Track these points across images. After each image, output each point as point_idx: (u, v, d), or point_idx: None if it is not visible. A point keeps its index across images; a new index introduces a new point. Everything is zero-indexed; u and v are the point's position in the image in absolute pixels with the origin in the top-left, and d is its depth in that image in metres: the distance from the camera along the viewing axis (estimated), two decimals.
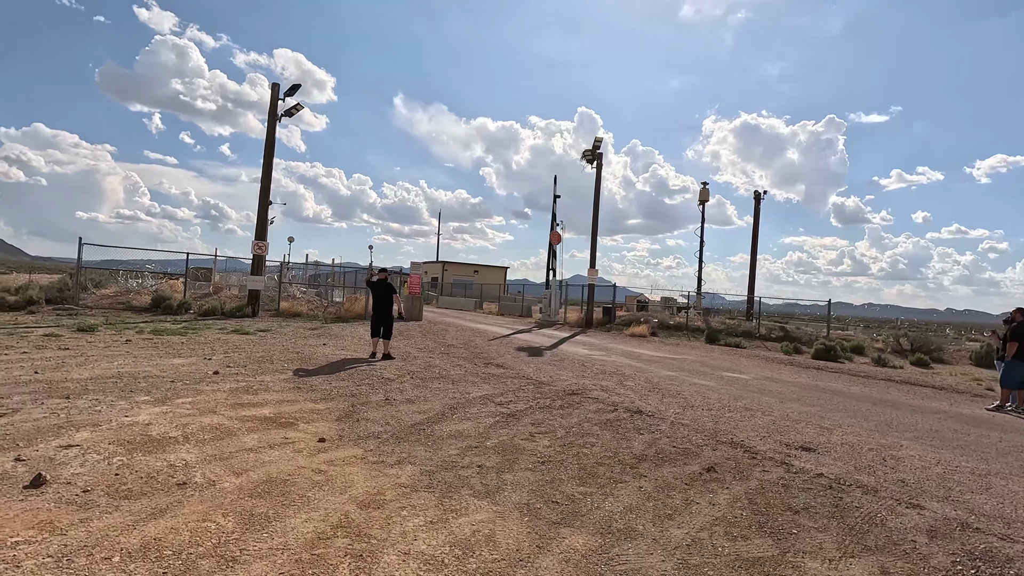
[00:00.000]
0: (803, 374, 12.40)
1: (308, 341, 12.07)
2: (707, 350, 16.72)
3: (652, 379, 9.81)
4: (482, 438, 5.63)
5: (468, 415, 6.52)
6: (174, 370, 7.75)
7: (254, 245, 17.15)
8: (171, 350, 9.46)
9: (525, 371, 9.91)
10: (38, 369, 7.01)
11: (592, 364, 11.37)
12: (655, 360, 13.02)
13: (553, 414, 6.78)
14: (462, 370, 9.58)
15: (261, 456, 4.59)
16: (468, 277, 51.54)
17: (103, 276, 17.51)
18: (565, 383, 8.88)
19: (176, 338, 10.92)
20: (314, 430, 5.54)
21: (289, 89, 17.18)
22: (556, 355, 12.68)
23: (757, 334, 20.69)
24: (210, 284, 19.67)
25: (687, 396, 8.33)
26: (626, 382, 9.32)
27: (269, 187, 17.20)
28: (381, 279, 10.72)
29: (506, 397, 7.61)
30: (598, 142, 22.13)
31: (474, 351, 12.37)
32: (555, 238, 23.21)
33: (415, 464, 4.72)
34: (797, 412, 7.66)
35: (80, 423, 4.93)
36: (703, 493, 4.38)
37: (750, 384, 10.09)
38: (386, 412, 6.42)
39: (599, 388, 8.58)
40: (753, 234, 28.76)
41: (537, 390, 8.20)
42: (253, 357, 9.33)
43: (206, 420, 5.44)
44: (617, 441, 5.72)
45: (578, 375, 9.81)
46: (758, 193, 28.71)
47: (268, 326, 14.50)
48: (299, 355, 9.93)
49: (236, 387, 7.02)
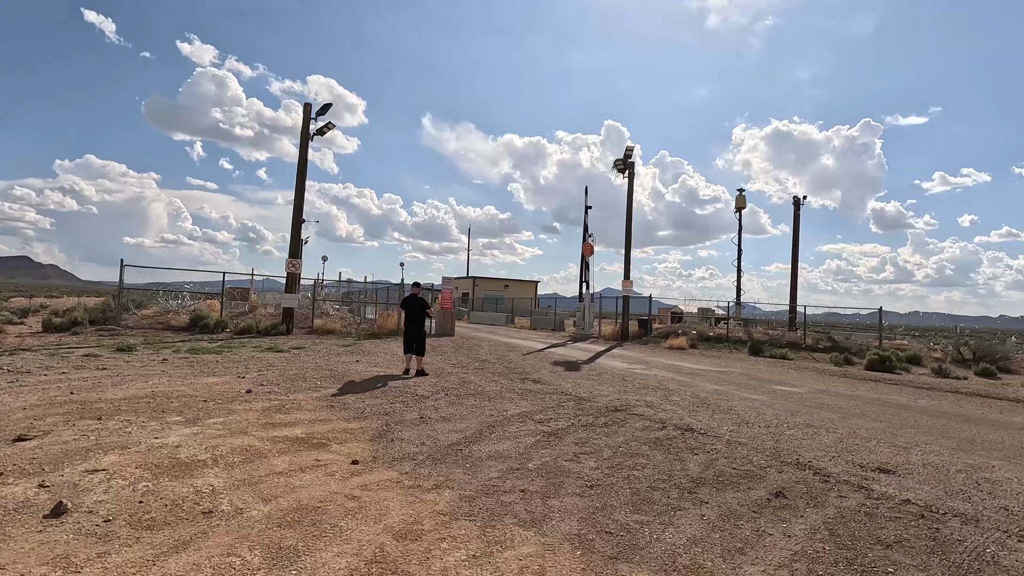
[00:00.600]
0: (860, 387, 11.61)
1: (341, 358, 11.93)
2: (752, 362, 15.96)
3: (699, 394, 9.26)
4: (523, 459, 5.26)
5: (507, 434, 6.16)
6: (207, 389, 7.63)
7: (288, 263, 17.28)
8: (206, 369, 9.40)
9: (563, 386, 9.50)
10: (74, 390, 6.98)
11: (633, 378, 10.88)
12: (699, 373, 12.41)
13: (597, 432, 6.36)
14: (498, 386, 9.24)
15: (292, 480, 4.32)
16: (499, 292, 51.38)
17: (144, 297, 17.90)
18: (607, 399, 8.43)
19: (211, 357, 10.91)
20: (347, 451, 5.27)
21: (321, 108, 17.39)
22: (594, 369, 12.22)
23: (803, 345, 19.73)
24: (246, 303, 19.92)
25: (740, 412, 7.77)
26: (672, 397, 8.81)
27: (302, 206, 17.35)
28: (414, 294, 10.51)
29: (546, 414, 7.22)
30: (629, 151, 21.71)
31: (509, 366, 12.02)
32: (587, 250, 22.76)
33: (454, 489, 4.38)
34: (865, 429, 7.03)
35: (109, 445, 4.76)
36: (775, 522, 3.90)
37: (806, 398, 9.43)
38: (421, 431, 6.11)
39: (644, 404, 8.11)
40: (793, 241, 27.72)
41: (578, 407, 7.78)
42: (286, 375, 9.20)
43: (236, 442, 5.23)
44: (670, 462, 5.27)
45: (620, 390, 9.34)
46: (797, 199, 27.71)
47: (302, 343, 14.46)
48: (332, 372, 9.76)
49: (268, 406, 6.83)
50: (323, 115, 17.46)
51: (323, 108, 17.37)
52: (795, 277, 27.23)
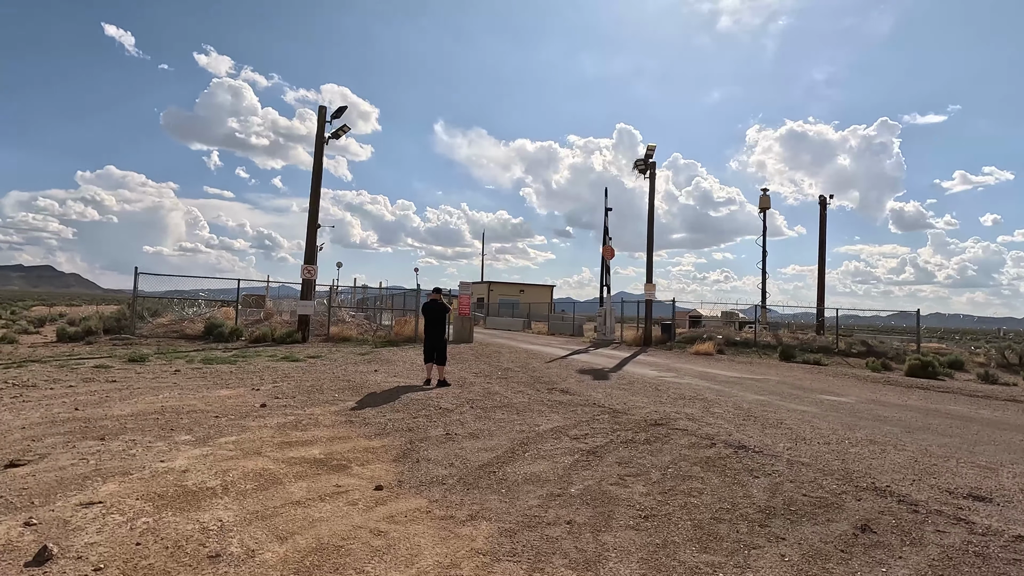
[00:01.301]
0: (910, 395, 10.87)
1: (359, 367, 11.48)
2: (785, 369, 15.23)
3: (741, 405, 8.64)
4: (564, 483, 4.72)
5: (542, 453, 5.63)
6: (220, 403, 7.20)
7: (303, 269, 16.94)
8: (219, 380, 9.00)
9: (594, 397, 8.94)
10: (79, 405, 6.58)
11: (666, 388, 10.27)
12: (734, 382, 11.76)
13: (640, 451, 5.80)
14: (525, 397, 8.71)
15: (310, 512, 3.83)
16: (514, 297, 50.82)
17: (159, 305, 17.67)
18: (643, 411, 7.86)
19: (225, 367, 10.52)
20: (370, 474, 4.78)
21: (335, 112, 17.07)
22: (623, 378, 11.63)
23: (836, 349, 18.93)
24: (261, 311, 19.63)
25: (792, 426, 7.15)
26: (713, 409, 8.21)
27: (317, 211, 17.02)
28: (433, 299, 10.04)
29: (580, 429, 6.67)
30: (650, 151, 21.11)
31: (533, 375, 11.48)
32: (608, 252, 22.16)
33: (491, 520, 3.86)
34: (936, 446, 6.38)
35: (109, 472, 4.32)
36: (871, 566, 3.32)
37: (858, 409, 8.76)
38: (448, 450, 5.61)
39: (684, 417, 7.52)
40: (820, 242, 26.85)
41: (614, 420, 7.22)
42: (302, 387, 8.76)
43: (249, 464, 4.76)
44: (730, 487, 4.70)
45: (655, 401, 8.76)
46: (823, 198, 26.86)
47: (318, 352, 14.07)
48: (350, 383, 9.30)
49: (284, 422, 6.37)
50: (338, 118, 17.14)
51: (338, 111, 17.05)
52: (822, 279, 26.37)
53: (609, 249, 22.12)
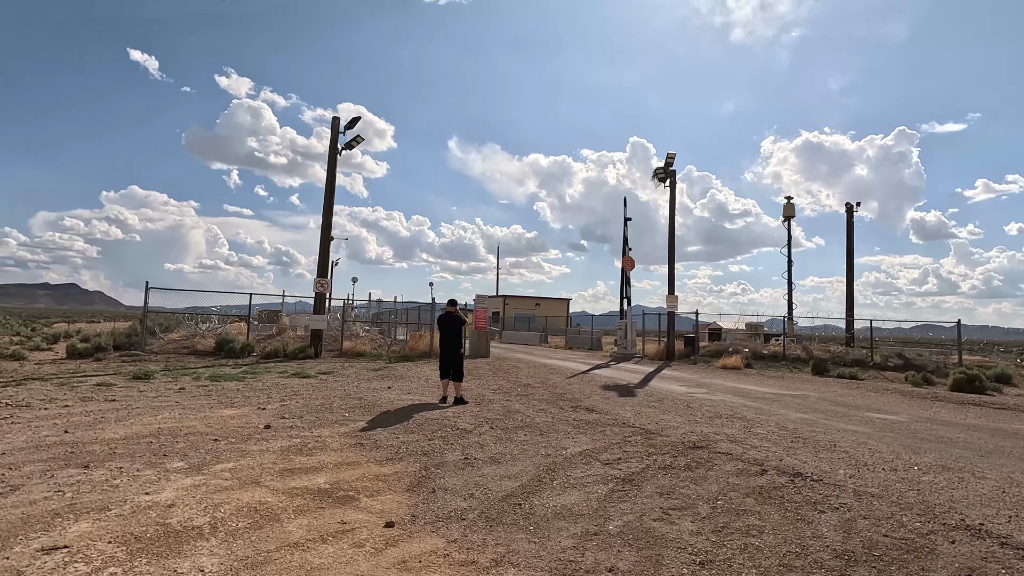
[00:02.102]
0: (966, 412, 10.03)
1: (371, 384, 10.97)
2: (821, 384, 14.39)
3: (785, 425, 7.93)
4: (600, 518, 4.12)
5: (571, 481, 5.02)
6: (222, 424, 6.71)
7: (316, 283, 16.56)
8: (224, 399, 8.53)
9: (623, 416, 8.30)
10: (70, 427, 6.12)
11: (699, 405, 9.58)
12: (771, 398, 11.01)
13: (681, 478, 5.16)
14: (548, 416, 8.10)
15: (309, 557, 3.28)
16: (530, 310, 50.20)
17: (171, 321, 17.40)
18: (679, 432, 7.20)
19: (233, 384, 10.07)
20: (380, 507, 4.22)
21: (349, 123, 16.80)
22: (650, 394, 10.95)
23: (871, 363, 17.99)
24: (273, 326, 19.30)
25: (847, 449, 6.44)
26: (754, 429, 7.52)
27: (331, 223, 16.68)
28: (449, 312, 9.51)
29: (612, 453, 6.05)
30: (670, 159, 20.52)
31: (555, 391, 10.85)
32: (628, 264, 21.48)
33: (519, 567, 3.28)
34: (1020, 472, 5.63)
35: (85, 507, 3.81)
36: None
37: (914, 430, 7.99)
38: (467, 477, 5.03)
39: (725, 438, 6.85)
40: (848, 251, 25.89)
41: (647, 442, 6.58)
42: (311, 405, 8.25)
43: (245, 496, 4.23)
44: (794, 524, 4.04)
45: (689, 420, 8.09)
46: (850, 205, 25.96)
47: (330, 368, 13.59)
48: (361, 402, 8.77)
49: (288, 445, 5.85)
50: (351, 129, 16.86)
51: (351, 122, 16.77)
52: (851, 289, 25.39)
53: (629, 260, 21.46)
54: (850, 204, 26.05)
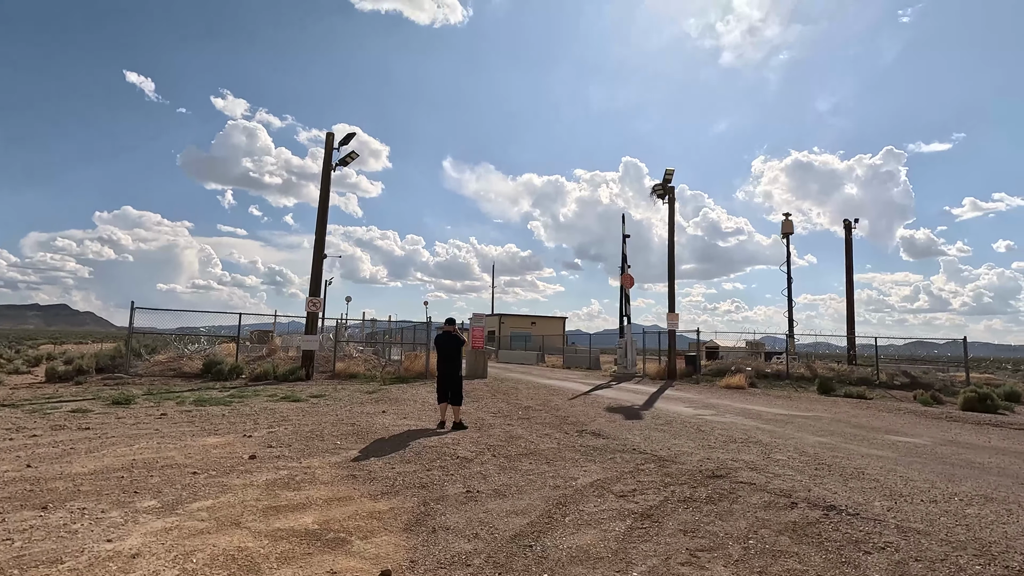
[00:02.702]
0: (989, 434, 9.62)
1: (365, 408, 10.46)
2: (830, 403, 13.97)
3: (804, 449, 7.49)
4: (621, 562, 3.67)
5: (585, 517, 4.57)
6: (203, 454, 6.20)
7: (308, 302, 16.07)
8: (208, 425, 8.01)
9: (632, 441, 7.84)
10: (34, 460, 5.59)
11: (710, 428, 9.13)
12: (782, 420, 10.57)
13: (705, 513, 4.71)
14: (553, 442, 7.63)
15: None
16: (526, 329, 49.70)
17: (158, 342, 16.82)
18: (694, 458, 6.75)
19: (218, 409, 9.54)
20: (374, 552, 3.75)
21: (344, 139, 16.51)
22: (657, 416, 10.48)
23: (876, 381, 17.61)
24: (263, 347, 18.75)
25: (877, 477, 6.01)
26: (773, 455, 7.07)
27: (324, 241, 16.28)
28: (447, 331, 9.06)
29: (626, 483, 5.59)
30: (669, 175, 20.31)
31: (558, 414, 10.38)
32: (627, 281, 21.12)
33: None
34: None
35: (34, 559, 3.32)
36: None
37: (941, 454, 7.56)
38: (471, 514, 4.56)
39: (744, 466, 6.40)
40: (847, 267, 25.70)
41: (662, 471, 6.13)
42: (301, 432, 7.74)
43: (223, 541, 3.74)
44: (839, 568, 3.60)
45: (703, 445, 7.64)
46: (848, 222, 25.85)
47: (322, 390, 13.06)
48: (354, 427, 8.27)
49: (274, 478, 5.36)
50: (346, 145, 16.56)
51: (346, 138, 16.48)
52: (851, 305, 25.13)
53: (628, 277, 21.10)
54: (848, 220, 25.96)
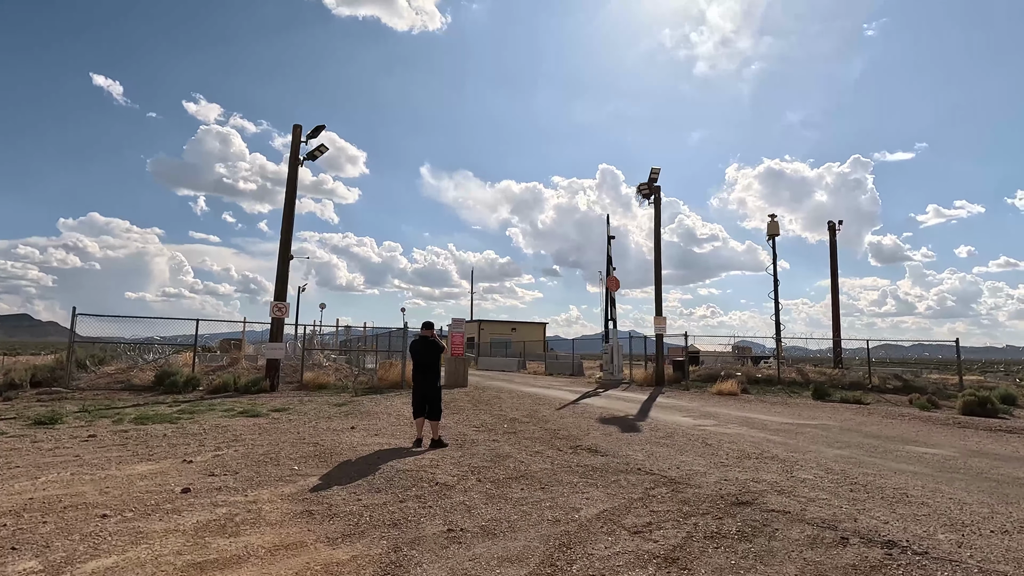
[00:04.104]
0: (1010, 442, 8.99)
1: (332, 424, 9.37)
2: (829, 410, 13.31)
3: (827, 465, 6.68)
4: None
5: (597, 564, 3.64)
6: (124, 488, 5.10)
7: (273, 307, 14.83)
8: (143, 449, 6.86)
9: (634, 458, 6.95)
10: None
11: (717, 441, 8.28)
12: (789, 429, 9.80)
13: (740, 554, 3.82)
14: (546, 461, 6.68)
15: None
16: (506, 336, 48.73)
17: (106, 353, 15.41)
18: (709, 479, 5.87)
19: (162, 428, 8.35)
20: None
21: (312, 131, 15.37)
22: (656, 428, 9.61)
23: (869, 385, 17.12)
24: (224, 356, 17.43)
25: (925, 500, 5.20)
26: (796, 473, 6.24)
27: (290, 239, 15.10)
28: (424, 336, 8.07)
29: (638, 515, 4.68)
30: (655, 174, 19.64)
31: (547, 427, 9.44)
32: (613, 284, 20.32)
33: None
34: None
35: None
36: None
37: (977, 468, 6.82)
38: (454, 562, 3.60)
39: (770, 488, 5.55)
40: (832, 270, 25.40)
41: (677, 496, 5.23)
42: (253, 455, 6.66)
43: None
44: None
45: (714, 462, 6.77)
46: (832, 224, 25.57)
47: (286, 403, 11.90)
48: (317, 448, 7.21)
49: (208, 520, 4.30)
50: (315, 138, 15.44)
51: (315, 131, 15.36)
52: (836, 308, 24.81)
53: (614, 280, 20.32)
54: (832, 223, 25.69)
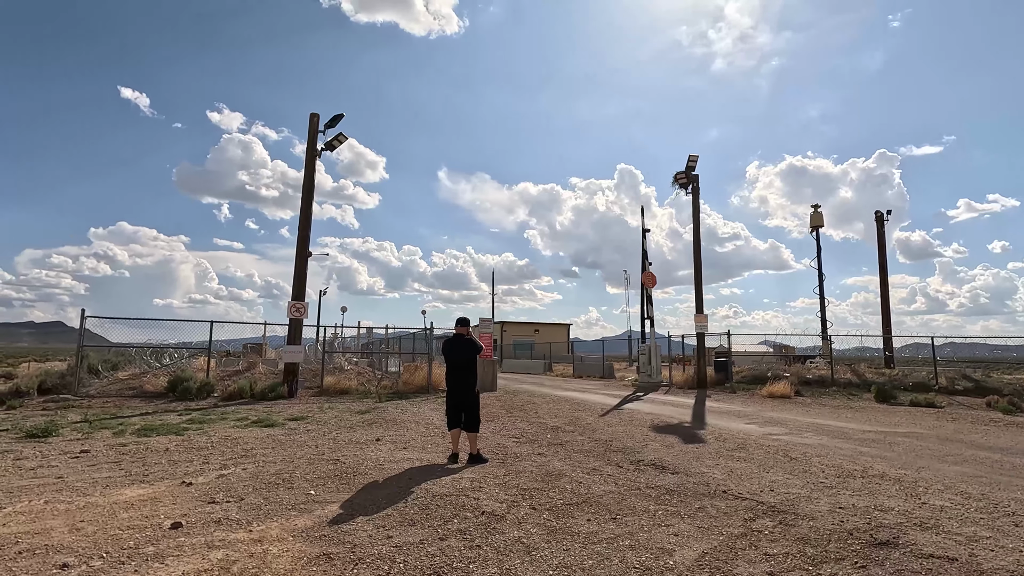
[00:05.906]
0: None
1: (355, 434, 8.39)
2: (905, 415, 11.93)
3: (960, 488, 5.45)
4: None
5: None
6: (103, 521, 4.15)
7: (290, 307, 13.97)
8: (138, 467, 5.94)
9: (712, 476, 5.80)
10: None
11: (802, 455, 7.08)
12: (875, 439, 8.52)
13: None
14: (608, 481, 5.58)
15: None
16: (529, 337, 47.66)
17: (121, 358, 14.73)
18: (819, 507, 4.71)
19: (164, 441, 7.45)
20: None
21: (331, 120, 14.52)
22: (722, 438, 8.41)
23: (935, 386, 15.61)
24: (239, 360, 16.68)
25: None
26: (927, 498, 5.04)
27: (308, 235, 14.24)
28: (459, 335, 7.03)
29: (751, 560, 3.56)
30: (692, 161, 18.35)
31: (596, 437, 8.32)
32: (649, 280, 19.05)
33: None
34: None
35: None
36: None
37: None
38: None
39: (905, 520, 4.37)
40: (880, 264, 23.78)
41: (790, 534, 4.09)
42: (263, 475, 5.69)
43: None
44: None
45: (812, 483, 5.59)
46: (880, 214, 23.98)
47: (304, 411, 10.99)
48: (337, 465, 6.21)
49: (198, 570, 3.31)
50: (332, 127, 14.59)
51: (333, 119, 14.50)
52: (886, 303, 23.20)
53: (650, 276, 19.05)
54: (880, 212, 24.12)
